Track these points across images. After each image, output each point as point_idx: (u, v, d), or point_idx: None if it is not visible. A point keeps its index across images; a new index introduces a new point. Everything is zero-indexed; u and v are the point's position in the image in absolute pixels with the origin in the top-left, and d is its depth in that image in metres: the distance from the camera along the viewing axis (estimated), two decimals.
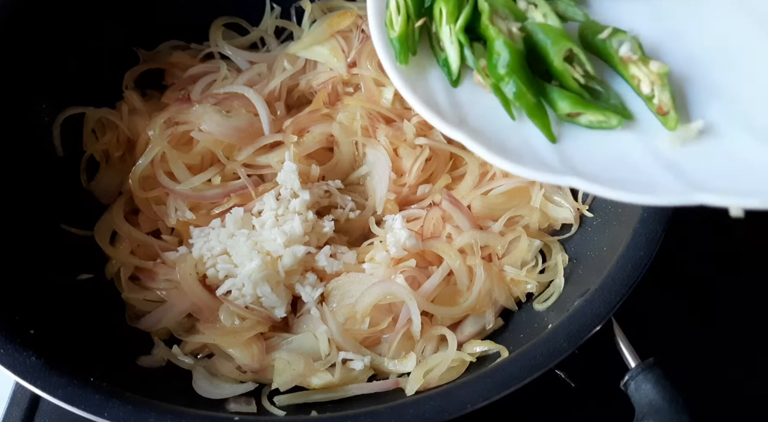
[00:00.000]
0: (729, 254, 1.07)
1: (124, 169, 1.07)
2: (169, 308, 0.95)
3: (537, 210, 0.99)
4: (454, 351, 0.88)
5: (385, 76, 1.09)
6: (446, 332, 0.91)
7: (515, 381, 0.73)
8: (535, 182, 1.01)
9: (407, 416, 0.71)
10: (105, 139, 1.08)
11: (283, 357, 0.89)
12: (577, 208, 0.99)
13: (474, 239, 0.95)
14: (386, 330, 0.92)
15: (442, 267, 0.95)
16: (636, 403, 0.75)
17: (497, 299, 0.95)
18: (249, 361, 0.89)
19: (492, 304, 0.94)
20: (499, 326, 0.95)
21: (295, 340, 0.92)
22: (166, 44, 1.19)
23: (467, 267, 0.95)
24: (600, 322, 0.76)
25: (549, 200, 1.01)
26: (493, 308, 0.94)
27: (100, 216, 1.03)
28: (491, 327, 0.94)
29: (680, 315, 1.00)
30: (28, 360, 0.73)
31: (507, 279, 0.96)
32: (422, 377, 0.85)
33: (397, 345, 0.91)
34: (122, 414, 0.70)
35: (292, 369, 0.87)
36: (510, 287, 0.96)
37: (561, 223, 1.01)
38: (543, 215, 1.00)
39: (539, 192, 1.00)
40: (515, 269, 0.96)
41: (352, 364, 0.90)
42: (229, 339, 0.90)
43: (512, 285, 0.96)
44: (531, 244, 0.97)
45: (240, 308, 0.92)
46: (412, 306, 0.90)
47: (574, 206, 0.99)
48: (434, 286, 0.93)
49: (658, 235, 0.81)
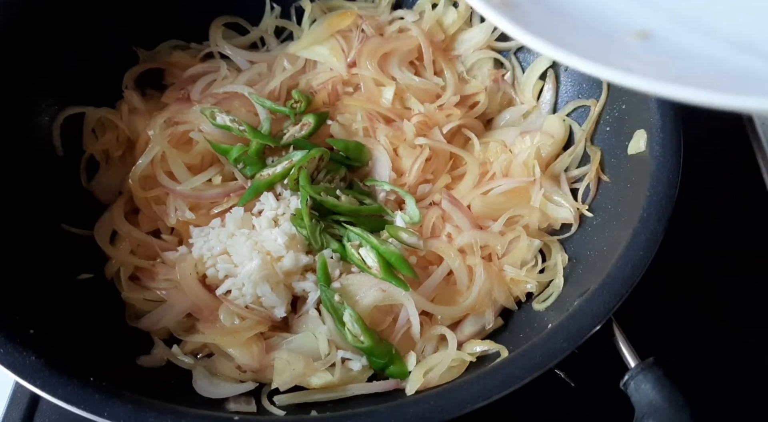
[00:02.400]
0: (730, 254, 1.07)
1: (123, 169, 1.07)
2: (168, 308, 0.95)
3: (537, 210, 0.99)
4: (454, 350, 0.88)
5: (384, 76, 1.10)
6: (446, 332, 0.91)
7: (515, 380, 0.73)
8: (535, 181, 1.01)
9: (407, 416, 0.71)
10: (105, 138, 1.08)
11: (282, 356, 0.89)
12: (576, 208, 0.99)
13: (474, 239, 0.95)
14: (386, 330, 0.92)
15: (442, 267, 0.95)
16: (636, 403, 0.75)
17: (497, 299, 0.95)
18: (249, 361, 0.89)
19: (492, 304, 0.94)
20: (499, 325, 0.95)
21: (294, 340, 0.91)
22: (165, 44, 1.19)
23: (467, 267, 0.95)
24: (600, 322, 0.76)
25: (549, 199, 1.01)
26: (492, 307, 0.94)
27: (100, 216, 1.02)
28: (491, 327, 0.94)
29: (680, 315, 1.00)
30: (28, 359, 0.73)
31: (507, 279, 0.96)
32: (422, 376, 0.85)
33: (396, 346, 0.91)
34: (122, 414, 0.70)
35: (292, 368, 0.87)
36: (510, 287, 0.96)
37: (561, 223, 1.01)
38: (543, 215, 1.00)
39: (539, 192, 1.00)
40: (515, 269, 0.96)
41: (350, 364, 0.90)
42: (229, 339, 0.90)
43: (512, 285, 0.96)
44: (531, 244, 0.97)
45: (240, 307, 0.92)
46: (409, 307, 0.90)
47: (574, 205, 0.99)
48: (434, 286, 0.94)
49: (658, 235, 0.81)
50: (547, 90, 1.13)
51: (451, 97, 1.10)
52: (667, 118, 0.89)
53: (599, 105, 1.03)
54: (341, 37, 1.12)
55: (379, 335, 0.91)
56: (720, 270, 1.06)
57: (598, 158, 1.00)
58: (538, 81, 1.13)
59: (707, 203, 1.10)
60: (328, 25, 1.14)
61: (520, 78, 1.15)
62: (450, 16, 1.17)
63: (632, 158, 0.94)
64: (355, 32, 1.12)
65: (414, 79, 1.11)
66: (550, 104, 1.13)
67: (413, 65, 1.13)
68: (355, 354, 0.90)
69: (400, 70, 1.11)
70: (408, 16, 1.17)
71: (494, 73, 1.14)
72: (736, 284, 1.05)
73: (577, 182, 1.03)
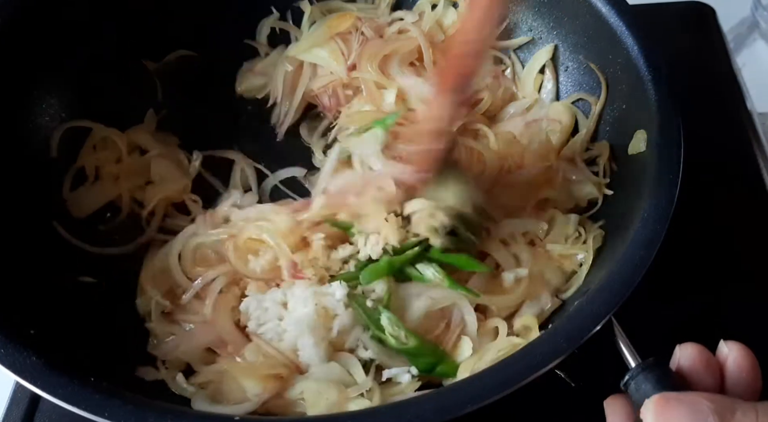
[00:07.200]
0: (731, 254, 1.07)
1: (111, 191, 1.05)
2: (189, 337, 0.90)
3: (561, 191, 1.00)
4: (504, 339, 0.87)
5: (386, 78, 1.10)
6: (499, 323, 0.89)
7: (515, 381, 0.73)
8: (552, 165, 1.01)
9: (407, 416, 0.71)
10: (102, 154, 1.06)
11: (311, 387, 0.83)
12: (599, 182, 0.99)
13: (511, 228, 0.95)
14: (440, 335, 0.89)
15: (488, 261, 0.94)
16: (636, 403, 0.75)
17: (550, 280, 0.94)
18: (260, 392, 0.84)
19: (545, 285, 0.93)
20: (558, 305, 0.93)
21: (318, 371, 0.86)
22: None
23: (512, 255, 0.94)
24: (600, 322, 0.76)
25: (569, 180, 1.01)
26: (547, 289, 0.93)
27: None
28: (549, 308, 0.92)
29: (680, 315, 1.00)
30: (28, 360, 0.73)
31: (555, 256, 0.95)
32: (473, 364, 0.84)
33: (451, 348, 0.89)
34: (122, 414, 0.70)
35: (326, 398, 0.82)
36: (561, 263, 0.95)
37: (587, 199, 1.01)
38: (568, 195, 1.00)
39: (559, 174, 1.00)
40: (560, 245, 0.95)
41: (397, 377, 0.86)
42: (246, 371, 0.85)
43: (562, 261, 0.95)
44: (568, 219, 0.97)
45: (273, 348, 0.86)
46: (463, 306, 0.88)
47: (595, 180, 1.00)
48: (483, 279, 0.92)
49: (658, 235, 0.81)
50: (548, 81, 1.13)
51: None
52: (667, 118, 0.89)
53: (599, 104, 1.04)
54: (341, 39, 1.12)
55: (433, 341, 0.88)
56: (720, 271, 1.06)
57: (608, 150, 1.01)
58: (538, 75, 1.14)
59: (707, 203, 1.10)
60: (328, 27, 1.14)
61: (520, 73, 1.16)
62: (450, 16, 1.17)
63: (633, 158, 0.94)
64: (355, 35, 1.12)
65: (416, 80, 1.11)
66: (552, 94, 1.13)
67: (414, 66, 1.14)
68: (402, 365, 0.87)
69: (401, 72, 1.11)
70: (407, 17, 1.17)
71: (494, 70, 1.14)
72: (737, 285, 1.05)
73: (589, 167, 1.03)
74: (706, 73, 1.27)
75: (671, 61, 0.94)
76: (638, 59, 0.94)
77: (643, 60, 0.94)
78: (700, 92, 1.21)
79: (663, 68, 0.93)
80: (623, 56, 0.97)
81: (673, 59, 0.96)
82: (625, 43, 0.97)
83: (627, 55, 0.96)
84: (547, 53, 1.12)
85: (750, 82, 1.27)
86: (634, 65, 0.95)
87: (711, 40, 1.31)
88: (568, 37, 1.11)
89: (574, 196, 1.01)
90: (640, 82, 0.93)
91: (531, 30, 1.16)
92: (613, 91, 1.03)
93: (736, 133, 1.20)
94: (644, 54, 0.94)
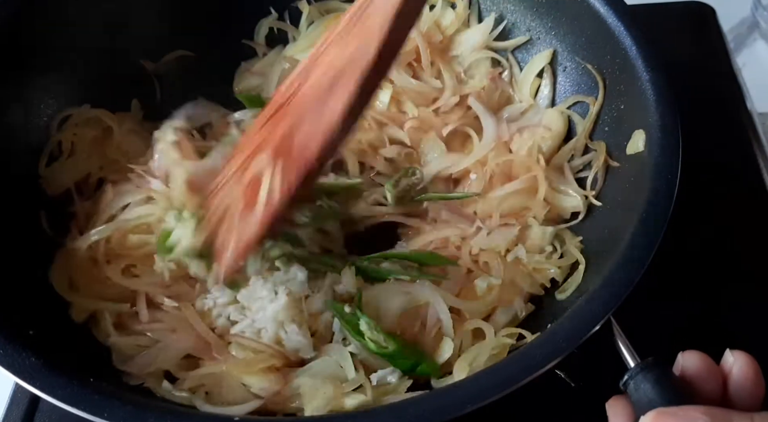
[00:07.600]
0: (731, 254, 1.07)
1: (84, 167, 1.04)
2: (163, 349, 0.87)
3: (542, 202, 1.00)
4: (492, 339, 0.87)
5: None
6: (481, 324, 0.89)
7: (515, 381, 0.73)
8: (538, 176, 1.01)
9: (407, 416, 0.71)
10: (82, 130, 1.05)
11: (307, 382, 0.84)
12: (584, 195, 0.99)
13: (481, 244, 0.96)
14: (417, 335, 0.90)
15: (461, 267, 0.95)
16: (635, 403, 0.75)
17: (522, 287, 0.94)
18: (267, 385, 0.84)
19: (519, 292, 0.94)
20: (531, 311, 0.94)
21: (313, 366, 0.87)
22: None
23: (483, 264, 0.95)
24: (600, 322, 0.76)
25: (555, 190, 1.01)
26: (520, 295, 0.94)
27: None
28: (524, 314, 0.93)
29: (680, 315, 1.00)
30: (28, 360, 0.73)
31: (529, 268, 0.95)
32: (467, 365, 0.84)
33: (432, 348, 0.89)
34: (122, 414, 0.70)
35: (323, 392, 0.82)
36: (533, 275, 0.95)
37: (570, 211, 1.01)
38: (551, 206, 1.00)
39: (544, 185, 1.00)
40: (535, 256, 0.95)
41: (387, 378, 0.86)
42: (243, 369, 0.85)
43: (535, 273, 0.95)
44: (544, 231, 0.97)
45: (257, 342, 0.87)
46: (437, 303, 0.89)
47: (581, 193, 1.00)
48: (457, 282, 0.93)
49: (657, 235, 0.81)
50: (545, 86, 1.13)
51: (450, 98, 1.10)
52: (666, 118, 0.89)
53: (597, 104, 1.04)
54: None
55: (411, 340, 0.88)
56: (719, 271, 1.06)
57: (604, 150, 1.00)
58: (536, 79, 1.14)
59: (707, 203, 1.10)
60: (326, 27, 1.14)
61: (518, 76, 1.16)
62: (448, 17, 1.17)
63: (631, 159, 0.94)
64: None
65: (411, 82, 1.11)
66: (548, 99, 1.13)
67: (411, 67, 1.14)
68: (386, 365, 0.87)
69: (398, 73, 1.11)
70: None
71: (492, 72, 1.14)
72: (736, 285, 1.05)
73: (582, 172, 1.04)
74: (706, 73, 1.27)
75: (671, 61, 0.94)
76: (636, 59, 0.94)
77: (641, 60, 0.94)
78: (700, 92, 1.20)
79: (661, 68, 0.93)
80: (621, 56, 0.97)
81: (673, 59, 0.96)
82: (624, 44, 0.96)
83: (625, 55, 0.96)
84: (546, 58, 1.12)
85: (750, 83, 1.27)
86: (632, 65, 0.94)
87: (711, 40, 1.31)
88: (567, 37, 1.11)
89: (557, 206, 1.01)
90: (639, 82, 0.93)
91: (529, 30, 1.16)
92: (611, 92, 1.02)
93: (736, 133, 1.20)
94: (642, 54, 0.94)
